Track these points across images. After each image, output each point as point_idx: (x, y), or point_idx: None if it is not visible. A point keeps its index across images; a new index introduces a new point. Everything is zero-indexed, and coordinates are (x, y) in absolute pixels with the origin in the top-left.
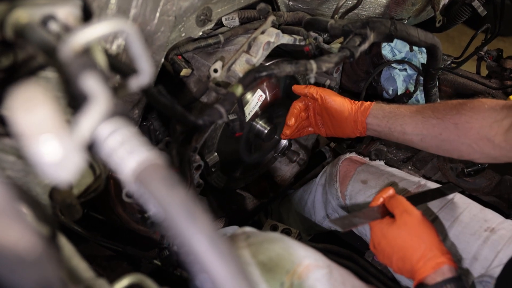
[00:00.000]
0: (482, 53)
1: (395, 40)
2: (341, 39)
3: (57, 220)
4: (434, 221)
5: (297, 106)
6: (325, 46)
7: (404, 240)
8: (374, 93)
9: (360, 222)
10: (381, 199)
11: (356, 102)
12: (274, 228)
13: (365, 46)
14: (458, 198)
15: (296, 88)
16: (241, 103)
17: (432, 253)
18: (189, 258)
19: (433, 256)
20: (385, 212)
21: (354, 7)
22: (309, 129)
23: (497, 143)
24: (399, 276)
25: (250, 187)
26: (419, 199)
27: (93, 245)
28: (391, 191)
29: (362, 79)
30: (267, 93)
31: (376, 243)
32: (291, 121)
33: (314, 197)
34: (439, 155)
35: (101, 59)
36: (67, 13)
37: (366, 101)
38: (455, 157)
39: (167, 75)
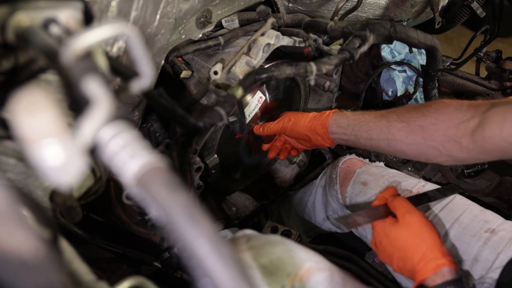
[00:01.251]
0: (481, 54)
1: (395, 42)
2: (340, 41)
3: (58, 223)
4: (435, 222)
5: (265, 147)
6: (325, 48)
7: (405, 240)
8: (374, 95)
9: (364, 221)
10: (384, 199)
11: (317, 114)
12: (274, 230)
13: (364, 48)
14: (458, 199)
15: (256, 131)
16: (241, 105)
17: (433, 254)
18: (191, 262)
19: (433, 257)
20: (388, 212)
21: (354, 9)
22: (293, 150)
23: (464, 144)
24: (400, 277)
25: (250, 189)
26: (419, 200)
27: (93, 247)
28: (393, 190)
29: (362, 81)
30: (267, 95)
31: (377, 242)
32: (271, 155)
33: (314, 198)
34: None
35: (102, 62)
36: (68, 16)
37: (366, 103)
38: (422, 160)
39: (167, 77)
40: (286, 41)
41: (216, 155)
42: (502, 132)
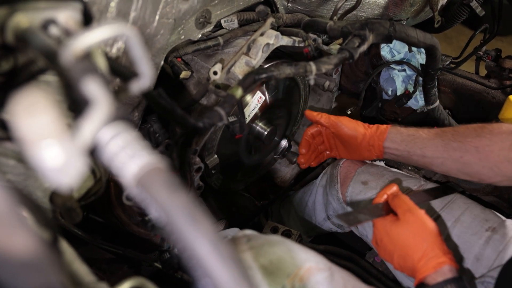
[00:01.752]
0: (481, 53)
1: (394, 41)
2: (340, 41)
3: (58, 224)
4: (436, 221)
5: (308, 133)
6: (324, 47)
7: (406, 238)
8: (374, 94)
9: (365, 218)
10: (385, 196)
11: (371, 126)
12: (274, 230)
13: (364, 47)
14: (458, 198)
15: (308, 115)
16: (240, 105)
17: (433, 252)
18: (191, 262)
19: (434, 255)
20: (389, 210)
21: (353, 8)
22: (327, 153)
23: None
24: (400, 276)
25: (250, 189)
26: (420, 198)
27: (94, 248)
28: (395, 187)
29: (361, 80)
30: (267, 94)
31: (378, 239)
32: (303, 149)
33: (315, 198)
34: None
35: (101, 63)
36: (67, 17)
37: (365, 102)
38: (475, 180)
39: (166, 77)
40: (285, 41)
41: (216, 155)
42: None
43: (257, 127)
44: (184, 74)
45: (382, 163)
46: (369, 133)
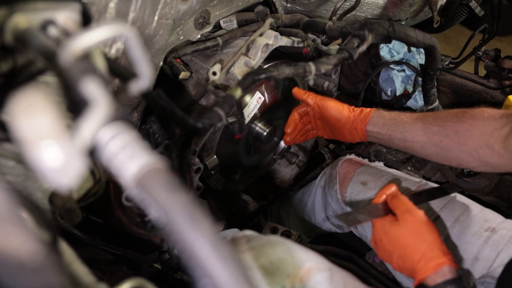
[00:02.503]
0: (480, 53)
1: (393, 41)
2: (339, 41)
3: (57, 225)
4: (435, 221)
5: (295, 113)
6: (324, 47)
7: (405, 239)
8: (373, 94)
9: (364, 219)
10: (384, 196)
11: (356, 108)
12: (274, 230)
13: (363, 47)
14: (458, 198)
15: (296, 92)
16: (240, 105)
17: (433, 253)
18: (191, 263)
19: (434, 256)
20: (388, 210)
21: (352, 8)
22: (313, 131)
23: (496, 150)
24: (400, 276)
25: (249, 189)
26: (419, 198)
27: (93, 249)
28: (393, 188)
29: (361, 80)
30: (266, 95)
31: (377, 240)
32: (288, 129)
33: (314, 199)
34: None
35: (100, 63)
36: (66, 17)
37: (365, 102)
38: (454, 165)
39: (166, 78)
40: (284, 41)
41: (215, 156)
42: None
43: (257, 128)
44: (183, 74)
45: (381, 164)
46: (352, 116)
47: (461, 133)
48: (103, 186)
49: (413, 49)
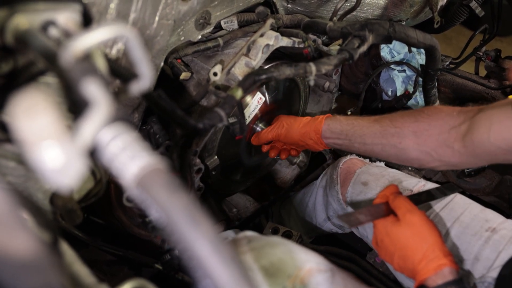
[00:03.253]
0: (481, 54)
1: (394, 42)
2: (340, 41)
3: (58, 225)
4: (436, 221)
5: (265, 148)
6: (324, 48)
7: (406, 240)
8: (374, 95)
9: (366, 219)
10: (385, 197)
11: (310, 119)
12: (275, 231)
13: (364, 48)
14: (458, 198)
15: (256, 142)
16: (241, 106)
17: (434, 254)
18: (192, 263)
19: (435, 257)
20: (389, 210)
21: (353, 9)
22: (292, 151)
23: (456, 149)
24: (401, 277)
25: (250, 190)
26: (419, 199)
27: (94, 249)
28: (394, 188)
29: (361, 81)
30: (267, 95)
31: (378, 240)
32: (271, 155)
33: (315, 199)
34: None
35: (101, 64)
36: (67, 18)
37: (366, 103)
38: (415, 166)
39: (166, 79)
40: (285, 42)
41: (216, 157)
42: (490, 136)
43: (258, 128)
44: (184, 75)
45: (382, 164)
46: (305, 130)
47: (419, 133)
48: (104, 187)
49: (413, 49)
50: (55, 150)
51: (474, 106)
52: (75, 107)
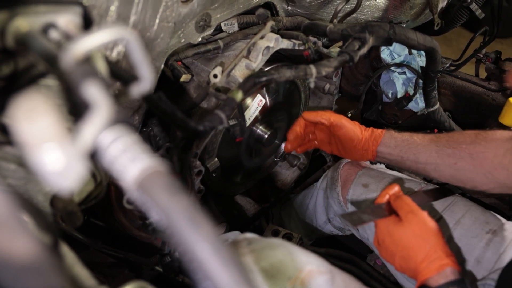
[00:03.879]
0: (481, 56)
1: (394, 44)
2: (340, 43)
3: (58, 228)
4: (438, 223)
5: (301, 121)
6: (324, 50)
7: (408, 240)
8: (374, 97)
9: (369, 219)
10: (387, 196)
11: (367, 129)
12: (275, 233)
13: (364, 50)
14: (459, 200)
15: (308, 116)
16: (241, 108)
17: (436, 254)
18: (192, 266)
19: (437, 257)
20: (391, 210)
21: (353, 11)
22: (315, 143)
23: (511, 170)
24: (401, 279)
25: (251, 192)
26: (421, 199)
27: (95, 252)
28: (396, 188)
29: (362, 83)
30: (267, 98)
31: (380, 240)
32: (291, 136)
33: (316, 201)
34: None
35: (102, 67)
36: (67, 21)
37: (366, 105)
38: (468, 187)
39: (167, 81)
40: (285, 44)
41: (216, 159)
42: None
43: (258, 130)
44: (184, 77)
45: (382, 166)
46: (364, 137)
47: (475, 156)
48: (104, 189)
49: (414, 51)
50: (56, 152)
51: None
52: (75, 109)
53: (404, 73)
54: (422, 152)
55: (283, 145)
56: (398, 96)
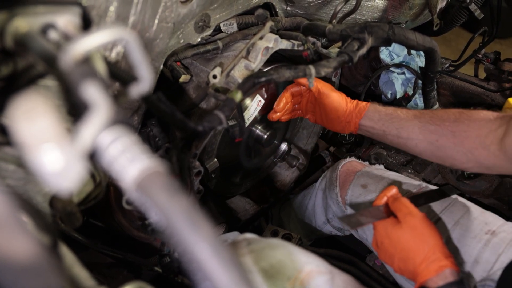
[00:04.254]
0: (480, 56)
1: (393, 44)
2: (339, 44)
3: (58, 228)
4: (436, 224)
5: (288, 91)
6: (324, 51)
7: (407, 241)
8: (373, 97)
9: (367, 221)
10: (385, 198)
11: (352, 101)
12: (275, 233)
13: (363, 50)
14: (458, 201)
15: (297, 81)
16: (240, 108)
17: (435, 255)
18: (192, 266)
19: (436, 259)
20: (390, 212)
21: (352, 11)
22: (299, 112)
23: (492, 151)
24: (400, 279)
25: (250, 193)
26: (417, 201)
27: (94, 252)
28: (394, 190)
29: (361, 83)
30: (266, 98)
31: (379, 242)
32: (279, 106)
33: (315, 202)
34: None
35: (101, 67)
36: (66, 21)
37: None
38: (447, 165)
39: (166, 81)
40: (284, 44)
41: (215, 159)
42: None
43: (257, 131)
44: (183, 78)
45: (381, 167)
46: (348, 109)
47: (457, 134)
48: (103, 190)
49: (413, 52)
50: (55, 153)
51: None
52: (74, 110)
53: (403, 73)
54: (404, 127)
55: (282, 146)
56: (397, 97)
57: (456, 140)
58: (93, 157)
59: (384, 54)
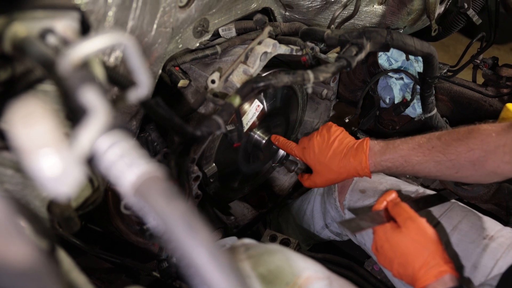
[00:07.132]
0: (478, 61)
1: (392, 49)
2: (337, 49)
3: (56, 233)
4: (435, 228)
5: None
6: (322, 56)
7: (407, 246)
8: (371, 102)
9: (367, 225)
10: (384, 203)
11: (344, 149)
12: (273, 239)
13: (361, 55)
14: (456, 206)
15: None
16: (239, 113)
17: (434, 261)
18: (189, 271)
19: (435, 264)
20: (389, 216)
21: (350, 17)
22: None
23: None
24: (399, 285)
25: (248, 198)
26: (416, 205)
27: (92, 257)
28: (394, 194)
29: (359, 88)
30: (265, 103)
31: (378, 246)
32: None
33: (313, 207)
34: None
35: (99, 72)
36: (65, 26)
37: (364, 110)
38: (471, 182)
39: (164, 86)
40: (283, 49)
41: (214, 164)
42: None
43: (255, 136)
44: (182, 82)
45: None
46: (345, 163)
47: (476, 162)
48: (101, 195)
49: (411, 57)
50: (53, 158)
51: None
52: (73, 114)
53: (402, 78)
54: (420, 172)
55: (281, 151)
56: (396, 102)
57: (476, 167)
58: (91, 162)
59: (383, 59)
